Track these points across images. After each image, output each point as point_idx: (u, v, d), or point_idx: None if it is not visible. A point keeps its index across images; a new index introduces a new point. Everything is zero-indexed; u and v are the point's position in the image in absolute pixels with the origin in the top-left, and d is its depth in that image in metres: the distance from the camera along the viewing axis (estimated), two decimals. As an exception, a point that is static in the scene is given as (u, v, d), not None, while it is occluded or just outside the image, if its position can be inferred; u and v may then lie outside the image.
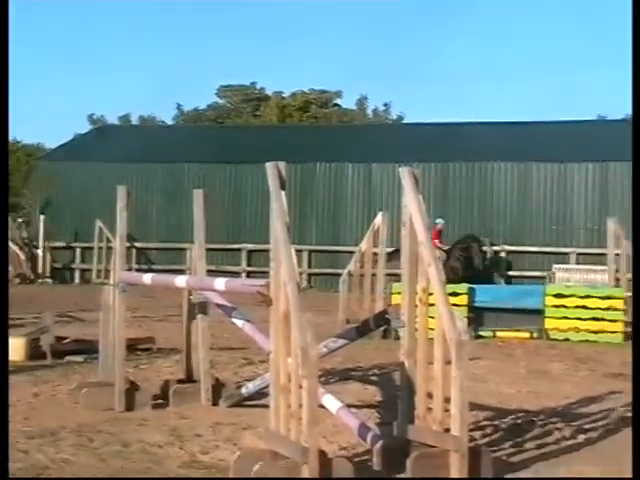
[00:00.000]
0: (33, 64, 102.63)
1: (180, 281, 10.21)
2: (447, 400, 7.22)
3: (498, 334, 17.41)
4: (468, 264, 26.79)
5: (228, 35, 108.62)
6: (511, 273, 30.00)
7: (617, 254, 19.79)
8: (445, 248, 26.71)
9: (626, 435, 9.14)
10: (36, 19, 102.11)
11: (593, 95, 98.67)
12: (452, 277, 25.55)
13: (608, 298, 17.73)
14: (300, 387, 6.92)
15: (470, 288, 18.56)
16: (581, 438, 8.93)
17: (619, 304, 17.66)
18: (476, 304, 18.07)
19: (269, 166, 7.57)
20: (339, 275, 19.28)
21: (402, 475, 7.15)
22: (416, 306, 7.70)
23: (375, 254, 18.12)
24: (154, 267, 30.75)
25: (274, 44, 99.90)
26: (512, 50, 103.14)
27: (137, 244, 31.55)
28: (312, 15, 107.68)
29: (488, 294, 19.01)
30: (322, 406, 7.83)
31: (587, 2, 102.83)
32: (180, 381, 10.62)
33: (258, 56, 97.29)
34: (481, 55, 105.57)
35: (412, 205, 7.74)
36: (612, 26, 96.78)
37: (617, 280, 19.43)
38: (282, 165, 7.56)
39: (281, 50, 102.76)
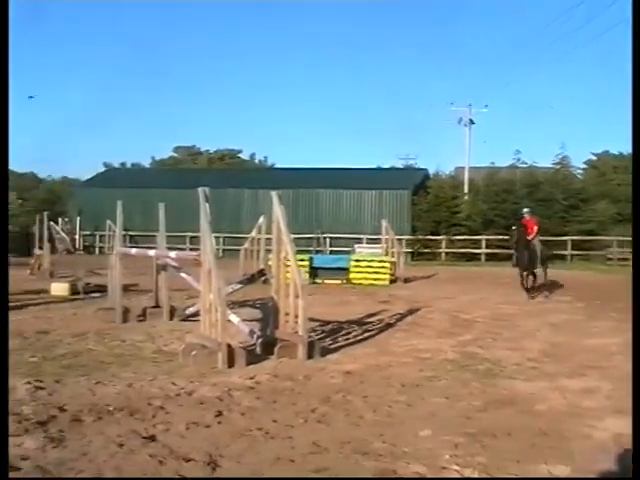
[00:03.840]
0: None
1: (151, 252, 10.12)
2: (296, 316, 7.26)
3: (325, 282, 17.52)
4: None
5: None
6: (333, 248, 29.94)
7: (387, 239, 20.19)
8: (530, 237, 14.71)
9: (390, 331, 9.36)
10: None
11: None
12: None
13: (381, 261, 18.09)
14: (216, 310, 6.86)
15: (310, 257, 18.61)
16: (367, 335, 9.08)
17: (387, 264, 18.04)
18: (314, 265, 18.14)
19: (199, 190, 7.52)
20: (239, 250, 18.95)
21: (272, 356, 7.18)
22: (280, 266, 7.71)
23: (259, 239, 17.84)
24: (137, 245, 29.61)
25: (204, 121, 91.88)
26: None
27: (130, 232, 30.33)
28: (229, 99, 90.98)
29: (320, 260, 19.10)
30: (229, 320, 7.77)
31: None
32: (152, 307, 10.38)
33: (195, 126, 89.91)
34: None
35: (278, 212, 7.75)
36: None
37: (387, 252, 19.76)
38: (207, 189, 7.50)
39: (207, 124, 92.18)
